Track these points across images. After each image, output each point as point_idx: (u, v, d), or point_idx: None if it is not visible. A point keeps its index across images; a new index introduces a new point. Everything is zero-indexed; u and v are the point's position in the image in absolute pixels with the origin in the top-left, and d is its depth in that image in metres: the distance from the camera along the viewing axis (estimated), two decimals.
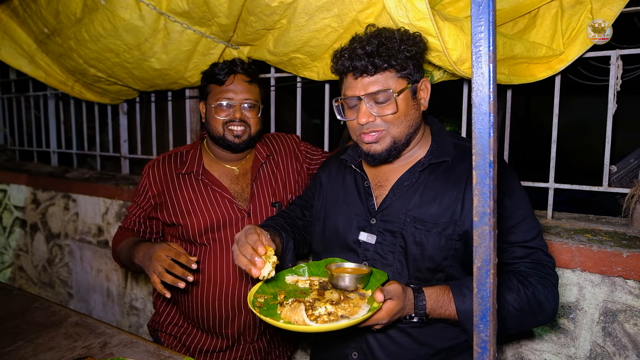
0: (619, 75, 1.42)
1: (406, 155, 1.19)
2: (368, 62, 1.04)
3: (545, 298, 1.03)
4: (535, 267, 1.06)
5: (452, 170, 1.13)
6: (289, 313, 0.95)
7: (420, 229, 1.10)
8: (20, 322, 1.46)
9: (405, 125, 1.10)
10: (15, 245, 3.30)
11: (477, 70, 0.60)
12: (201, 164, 1.51)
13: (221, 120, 1.44)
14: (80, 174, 2.93)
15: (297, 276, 1.17)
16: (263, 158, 1.56)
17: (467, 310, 0.99)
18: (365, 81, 1.07)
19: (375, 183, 1.22)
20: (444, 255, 1.09)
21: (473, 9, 0.60)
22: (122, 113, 2.71)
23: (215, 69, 1.46)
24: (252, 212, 1.50)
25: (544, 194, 1.61)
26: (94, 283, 2.70)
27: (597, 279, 1.35)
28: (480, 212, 0.62)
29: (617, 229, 1.46)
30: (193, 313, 1.50)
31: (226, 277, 1.47)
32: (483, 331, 0.64)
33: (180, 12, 1.56)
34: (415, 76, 1.10)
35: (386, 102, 1.07)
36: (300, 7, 1.37)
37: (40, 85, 3.13)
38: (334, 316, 0.94)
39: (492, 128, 0.60)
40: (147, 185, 1.52)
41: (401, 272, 1.13)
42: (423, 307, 1.01)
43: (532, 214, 1.11)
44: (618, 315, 1.33)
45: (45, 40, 2.01)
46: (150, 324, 1.65)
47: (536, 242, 1.08)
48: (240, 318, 1.49)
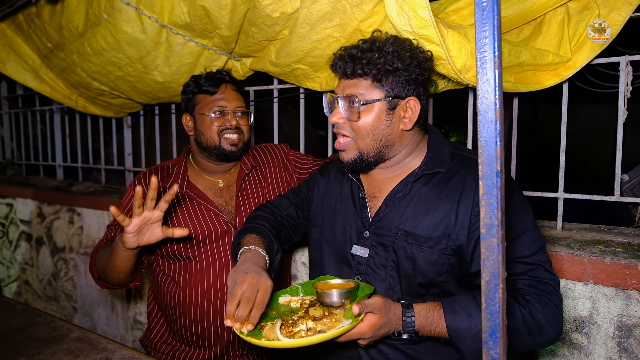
0: (628, 81, 1.39)
1: (400, 165, 1.15)
2: (346, 66, 1.06)
3: (544, 318, 0.96)
4: (535, 284, 1.00)
5: (447, 181, 1.08)
6: (268, 331, 0.95)
7: (411, 243, 1.07)
8: (22, 338, 1.45)
9: (371, 138, 1.07)
10: (21, 259, 3.31)
11: (482, 77, 0.58)
12: (186, 177, 1.50)
13: (216, 128, 1.43)
14: (85, 187, 2.94)
15: (290, 296, 1.15)
16: (247, 169, 1.55)
17: (459, 328, 0.95)
18: (344, 83, 1.09)
19: (370, 194, 1.19)
20: (437, 270, 1.05)
21: (477, 14, 0.58)
22: (126, 126, 2.72)
23: (201, 80, 1.47)
24: (238, 224, 1.47)
25: (552, 203, 1.57)
26: (98, 297, 2.68)
27: (610, 292, 1.30)
28: (488, 224, 0.60)
29: (631, 240, 1.41)
30: (180, 328, 1.48)
31: (213, 291, 1.45)
32: (492, 348, 0.61)
33: (182, 24, 1.56)
34: (397, 91, 1.05)
35: (354, 109, 1.07)
36: (301, 18, 1.36)
37: (46, 100, 3.16)
38: (312, 331, 0.92)
39: (498, 136, 0.58)
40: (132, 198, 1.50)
41: (394, 287, 1.10)
42: (412, 324, 0.96)
43: (534, 227, 1.05)
44: (634, 330, 1.27)
45: (49, 55, 2.04)
46: (142, 340, 1.64)
47: (536, 258, 1.02)
48: (230, 331, 1.47)
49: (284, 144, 1.71)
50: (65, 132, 3.20)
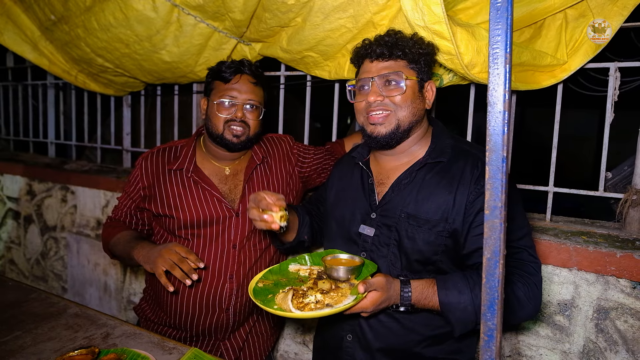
0: (616, 86, 1.50)
1: (407, 152, 1.26)
2: (385, 48, 1.19)
3: (524, 295, 1.08)
4: (518, 266, 1.11)
5: (447, 170, 1.19)
6: (280, 301, 1.05)
7: (412, 225, 1.18)
8: (17, 313, 1.43)
9: (410, 110, 1.19)
10: (6, 238, 3.24)
11: (494, 71, 0.64)
12: (193, 160, 1.51)
13: (222, 118, 1.43)
14: (80, 165, 2.90)
15: (299, 265, 1.26)
16: (259, 160, 1.56)
17: (450, 303, 1.07)
18: (379, 65, 1.21)
19: (378, 180, 1.29)
20: (433, 250, 1.16)
21: (492, 13, 0.63)
22: (126, 105, 2.69)
23: (223, 66, 1.47)
24: (241, 212, 1.50)
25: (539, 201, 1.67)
26: (90, 277, 2.67)
27: (592, 277, 1.42)
28: (492, 206, 0.65)
29: (611, 232, 1.53)
30: (167, 307, 1.51)
31: (204, 275, 1.47)
32: (490, 320, 0.67)
33: (194, 5, 1.57)
34: (423, 74, 1.22)
35: (396, 85, 1.18)
36: (316, 6, 1.40)
37: (40, 75, 3.09)
38: (320, 304, 1.02)
39: (506, 125, 0.64)
40: (138, 176, 1.52)
41: (395, 264, 1.21)
42: (408, 298, 1.08)
43: (522, 215, 1.17)
44: (610, 312, 1.39)
45: (52, 28, 1.99)
46: (136, 309, 1.68)
47: (522, 243, 1.13)
48: (213, 316, 1.49)
49: (289, 135, 1.73)
50: (60, 108, 3.13)
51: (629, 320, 1.37)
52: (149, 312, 1.60)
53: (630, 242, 1.44)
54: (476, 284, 1.06)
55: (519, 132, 7.72)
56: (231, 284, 1.49)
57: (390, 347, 1.22)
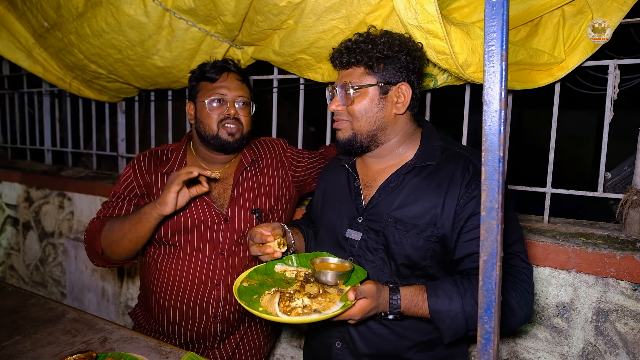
0: (616, 84, 1.47)
1: (392, 155, 1.22)
2: (342, 57, 1.18)
3: (517, 303, 1.05)
4: (510, 272, 1.08)
5: (436, 174, 1.15)
6: (267, 303, 1.01)
7: (400, 229, 1.15)
8: (16, 318, 1.44)
9: (365, 121, 1.16)
10: (6, 244, 3.24)
11: (489, 69, 0.61)
12: (183, 164, 1.49)
13: (215, 117, 1.42)
14: (76, 172, 2.90)
15: (285, 266, 1.22)
16: (247, 162, 1.53)
17: (440, 310, 1.04)
18: (341, 74, 1.21)
19: (364, 183, 1.26)
20: (421, 255, 1.13)
21: (487, 9, 0.61)
22: (120, 111, 2.68)
23: (207, 67, 1.46)
24: (229, 217, 1.47)
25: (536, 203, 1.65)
26: (88, 282, 2.66)
27: (591, 279, 1.39)
28: (488, 207, 0.63)
29: (611, 233, 1.51)
30: (156, 314, 1.49)
31: (190, 281, 1.44)
32: (487, 322, 0.65)
33: (186, 9, 1.56)
34: (388, 77, 1.15)
35: (348, 95, 1.16)
36: (308, 8, 1.38)
37: (35, 82, 3.09)
38: (307, 309, 0.99)
39: (502, 125, 0.62)
40: (131, 176, 1.50)
41: (383, 269, 1.18)
42: (397, 306, 1.05)
43: (514, 220, 1.14)
44: (610, 314, 1.37)
45: (45, 35, 1.99)
46: (131, 314, 1.66)
47: (513, 248, 1.10)
48: (200, 324, 1.46)
49: (282, 139, 1.70)
50: (55, 115, 3.13)
51: (630, 323, 1.34)
52: (142, 318, 1.59)
53: (630, 243, 1.41)
54: (467, 291, 1.03)
55: (517, 135, 7.70)
56: (218, 291, 1.46)
57: (381, 354, 1.20)
